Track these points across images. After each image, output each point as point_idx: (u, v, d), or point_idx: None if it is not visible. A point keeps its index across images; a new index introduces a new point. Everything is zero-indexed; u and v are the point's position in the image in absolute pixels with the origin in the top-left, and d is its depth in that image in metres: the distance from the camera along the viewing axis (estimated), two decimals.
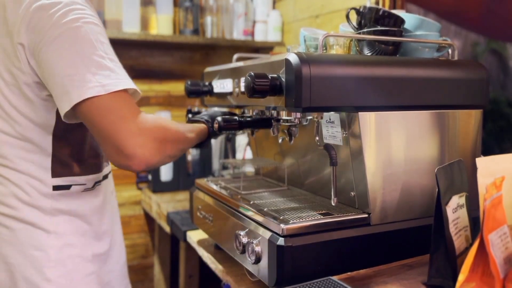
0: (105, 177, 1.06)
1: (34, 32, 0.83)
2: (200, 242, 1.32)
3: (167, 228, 1.77)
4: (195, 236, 1.37)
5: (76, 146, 0.96)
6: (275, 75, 0.86)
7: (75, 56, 0.82)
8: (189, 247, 1.53)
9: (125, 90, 0.85)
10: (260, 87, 0.85)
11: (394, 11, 1.04)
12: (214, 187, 1.21)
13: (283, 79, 0.85)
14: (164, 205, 1.86)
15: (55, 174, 0.93)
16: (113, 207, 1.11)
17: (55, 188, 0.94)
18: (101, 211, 1.03)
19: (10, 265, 0.92)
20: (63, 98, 0.83)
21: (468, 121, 1.05)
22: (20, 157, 0.91)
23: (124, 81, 0.85)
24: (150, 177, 2.14)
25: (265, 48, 2.34)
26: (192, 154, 2.18)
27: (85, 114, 0.83)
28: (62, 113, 0.84)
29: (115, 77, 0.84)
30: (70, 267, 0.95)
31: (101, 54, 0.84)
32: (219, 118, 0.99)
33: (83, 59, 0.82)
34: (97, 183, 1.02)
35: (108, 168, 1.08)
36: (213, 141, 2.23)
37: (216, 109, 1.22)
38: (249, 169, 1.65)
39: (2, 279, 0.92)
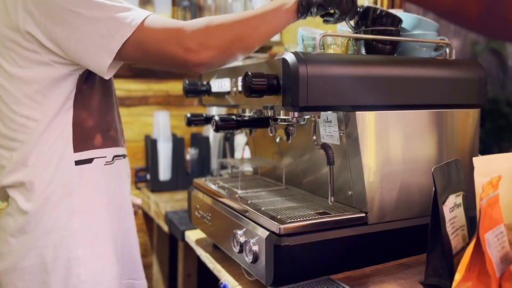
0: (124, 156, 1.05)
1: (37, 10, 0.83)
2: (198, 242, 1.32)
3: (165, 228, 1.77)
4: (193, 236, 1.37)
5: (95, 116, 0.95)
6: (273, 75, 0.86)
7: (90, 12, 0.82)
8: (188, 247, 1.53)
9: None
10: (258, 86, 0.85)
11: (392, 11, 1.04)
12: (212, 186, 1.21)
13: (281, 79, 0.85)
14: (162, 205, 1.86)
15: (76, 148, 0.92)
16: (127, 192, 1.09)
17: (78, 163, 0.92)
18: (121, 188, 1.02)
19: (38, 247, 0.90)
20: (101, 54, 0.84)
21: (466, 120, 1.05)
22: (44, 138, 0.90)
23: (141, 11, 0.86)
24: (148, 176, 2.14)
25: (264, 48, 2.33)
26: (191, 154, 2.18)
27: (137, 47, 0.84)
28: (103, 70, 0.85)
29: (136, 10, 0.85)
30: (97, 245, 0.95)
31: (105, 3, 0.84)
32: (216, 118, 0.99)
33: (100, 11, 0.83)
34: (117, 157, 1.00)
35: (123, 149, 1.06)
36: (211, 141, 2.25)
37: None
38: (248, 168, 1.65)
39: (32, 263, 0.90)
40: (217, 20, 0.85)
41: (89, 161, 0.94)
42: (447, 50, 1.06)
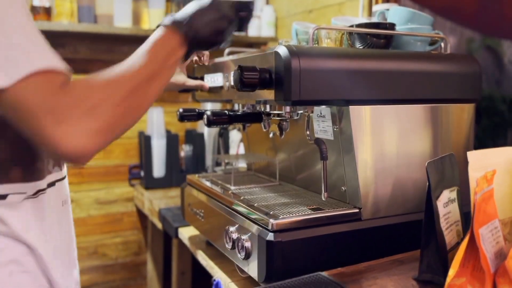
0: (56, 182, 0.84)
1: None
2: (192, 239, 1.31)
3: (159, 225, 1.76)
4: (186, 233, 1.36)
5: (11, 147, 0.76)
6: (265, 68, 0.85)
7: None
8: (182, 244, 1.51)
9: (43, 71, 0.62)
10: (249, 80, 0.83)
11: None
12: (205, 183, 1.20)
13: (273, 72, 0.84)
14: (156, 202, 1.84)
15: None
16: (64, 222, 0.87)
17: None
18: (50, 222, 0.82)
19: None
20: None
21: (461, 115, 1.04)
22: None
23: (36, 59, 0.63)
24: (142, 173, 2.13)
25: (259, 44, 2.32)
26: (185, 150, 2.17)
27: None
28: None
29: (24, 57, 0.62)
30: None
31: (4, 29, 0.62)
32: (208, 112, 0.97)
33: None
34: (42, 191, 0.80)
35: (58, 174, 0.85)
36: (206, 137, 2.23)
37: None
38: (242, 164, 1.64)
39: None
40: (102, 101, 0.66)
41: (2, 197, 0.75)
42: (442, 44, 1.05)
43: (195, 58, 1.19)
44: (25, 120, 0.62)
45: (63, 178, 0.87)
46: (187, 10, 0.78)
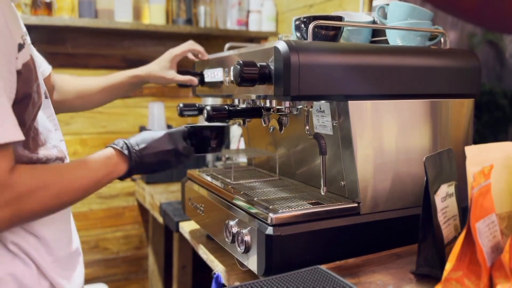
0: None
1: None
2: (192, 233, 1.32)
3: (160, 219, 1.77)
4: (187, 227, 1.37)
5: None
6: (264, 64, 0.85)
7: None
8: (182, 238, 1.52)
9: None
10: (249, 75, 0.84)
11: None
12: (206, 177, 1.21)
13: (272, 68, 0.84)
14: (157, 196, 1.85)
15: None
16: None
17: None
18: None
19: None
20: None
21: (460, 110, 1.04)
22: None
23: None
24: None
25: (259, 38, 2.32)
26: None
27: None
28: None
29: None
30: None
31: None
32: (208, 107, 0.98)
33: None
34: None
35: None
36: None
37: (148, 132, 0.95)
38: (242, 159, 1.64)
39: None
40: (33, 195, 0.71)
41: None
42: (442, 39, 1.05)
43: (192, 56, 1.21)
44: None
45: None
46: (139, 138, 0.89)
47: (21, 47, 0.72)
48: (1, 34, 0.68)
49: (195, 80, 1.16)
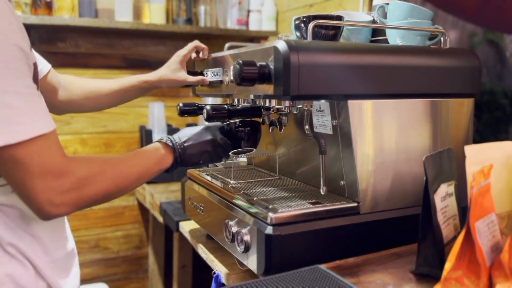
0: None
1: None
2: (192, 232, 1.32)
3: (160, 219, 1.77)
4: (187, 226, 1.37)
5: None
6: (264, 63, 0.85)
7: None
8: (182, 237, 1.53)
9: (40, 136, 0.69)
10: (249, 75, 0.84)
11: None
12: (205, 177, 1.21)
13: (272, 67, 0.84)
14: (157, 196, 1.86)
15: None
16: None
17: None
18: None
19: None
20: None
21: (460, 110, 1.04)
22: None
23: (34, 124, 0.68)
24: None
25: (259, 38, 2.32)
26: None
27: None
28: None
29: (22, 122, 0.67)
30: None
31: (4, 87, 0.66)
32: (208, 107, 0.98)
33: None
34: None
35: None
36: None
37: (191, 128, 1.01)
38: (242, 159, 1.64)
39: None
40: (93, 180, 0.76)
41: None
42: (442, 39, 1.05)
43: (194, 55, 1.21)
44: (17, 176, 0.69)
45: None
46: (181, 133, 0.96)
47: (31, 46, 0.75)
48: (21, 30, 0.70)
49: (206, 79, 1.16)
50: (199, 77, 1.18)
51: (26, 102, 0.68)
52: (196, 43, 1.24)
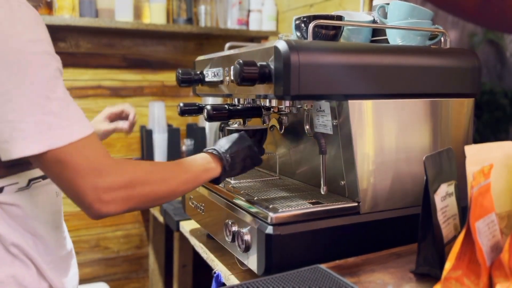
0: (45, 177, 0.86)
1: None
2: (193, 232, 1.32)
3: (160, 218, 1.77)
4: (188, 226, 1.37)
5: None
6: (264, 63, 0.85)
7: (15, 98, 0.67)
8: (183, 237, 1.53)
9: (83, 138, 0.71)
10: (249, 75, 0.84)
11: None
12: None
13: (272, 67, 0.84)
14: None
15: None
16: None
17: None
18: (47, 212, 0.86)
19: None
20: (1, 146, 0.69)
21: (460, 110, 1.04)
22: None
23: (76, 127, 0.71)
24: None
25: (260, 38, 2.32)
26: (187, 145, 2.18)
27: (36, 165, 0.73)
28: (13, 155, 0.69)
29: (64, 126, 0.70)
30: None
31: (46, 94, 0.69)
32: (208, 107, 0.98)
33: (25, 102, 0.67)
34: (34, 180, 0.83)
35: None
36: (207, 131, 2.24)
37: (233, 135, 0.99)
38: None
39: None
40: (141, 180, 0.77)
41: None
42: (442, 39, 1.05)
43: (123, 124, 1.27)
44: (65, 177, 0.71)
45: None
46: (220, 143, 0.95)
47: None
48: (49, 36, 0.75)
49: (124, 127, 1.27)
50: (113, 126, 1.26)
51: (67, 107, 0.72)
52: (127, 107, 1.29)
